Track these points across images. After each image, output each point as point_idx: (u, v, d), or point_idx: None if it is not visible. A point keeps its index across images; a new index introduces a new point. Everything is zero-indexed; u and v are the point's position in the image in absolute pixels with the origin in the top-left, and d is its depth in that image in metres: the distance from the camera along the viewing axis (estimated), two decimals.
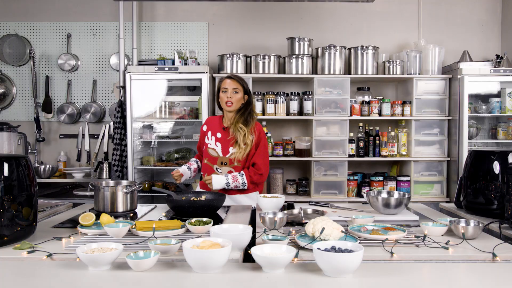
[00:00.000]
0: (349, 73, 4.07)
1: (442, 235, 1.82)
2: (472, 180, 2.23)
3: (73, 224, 2.03)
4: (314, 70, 4.10)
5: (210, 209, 2.22)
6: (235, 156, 2.65)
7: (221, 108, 2.79)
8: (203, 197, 2.41)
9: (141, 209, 2.43)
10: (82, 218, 1.91)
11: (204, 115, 3.87)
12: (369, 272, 1.41)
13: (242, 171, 2.65)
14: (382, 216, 2.13)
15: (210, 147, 2.74)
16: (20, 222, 1.69)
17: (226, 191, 2.64)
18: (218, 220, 2.13)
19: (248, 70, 4.11)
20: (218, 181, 2.60)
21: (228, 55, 4.03)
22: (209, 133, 2.77)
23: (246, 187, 2.65)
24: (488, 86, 4.08)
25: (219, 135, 2.73)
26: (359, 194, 4.08)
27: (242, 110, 2.72)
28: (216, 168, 2.70)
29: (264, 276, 1.38)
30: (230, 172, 2.67)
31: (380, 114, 4.05)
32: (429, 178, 4.07)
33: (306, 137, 4.06)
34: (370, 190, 3.93)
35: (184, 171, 2.76)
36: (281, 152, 4.02)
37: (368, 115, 4.04)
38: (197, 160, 2.92)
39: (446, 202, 3.89)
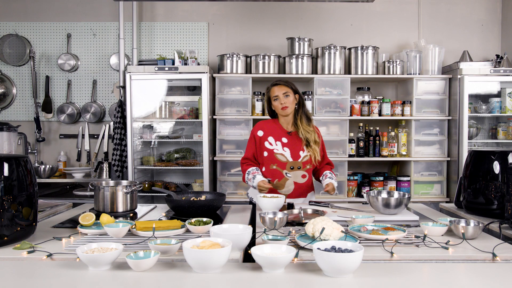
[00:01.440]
0: (349, 73, 4.07)
1: (442, 235, 1.82)
2: (472, 180, 2.24)
3: (73, 224, 2.03)
4: (314, 70, 4.10)
5: (210, 209, 2.22)
6: (312, 158, 2.69)
7: (272, 116, 2.82)
8: (203, 197, 2.41)
9: (141, 209, 2.44)
10: (82, 218, 1.91)
11: (204, 115, 3.87)
12: (369, 272, 1.41)
13: (327, 171, 2.74)
14: (382, 216, 2.13)
15: (277, 153, 2.70)
16: (20, 222, 1.69)
17: (301, 194, 2.72)
18: (218, 220, 2.13)
19: (248, 70, 4.11)
20: (335, 185, 2.68)
21: (228, 55, 4.03)
22: (270, 139, 2.72)
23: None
24: (488, 86, 4.08)
25: (285, 140, 2.72)
26: (359, 194, 4.08)
27: (300, 111, 2.76)
28: (286, 173, 2.69)
29: (264, 276, 1.38)
30: (303, 176, 2.70)
31: (380, 114, 4.05)
32: (429, 178, 4.07)
33: None
34: (370, 190, 3.93)
35: (265, 179, 2.66)
36: None
37: (368, 115, 4.04)
38: (256, 167, 2.74)
39: (446, 202, 3.89)
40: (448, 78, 4.01)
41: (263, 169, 2.74)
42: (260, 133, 2.76)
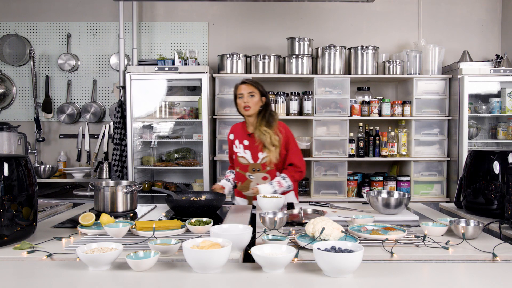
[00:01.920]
0: (349, 73, 4.07)
1: (442, 235, 1.82)
2: (472, 180, 2.23)
3: (73, 224, 2.03)
4: (314, 70, 4.10)
5: (210, 209, 2.22)
6: (268, 160, 2.65)
7: (242, 115, 2.79)
8: (203, 197, 2.41)
9: (141, 209, 2.44)
10: (82, 218, 1.91)
11: (204, 115, 3.87)
12: (369, 272, 1.41)
13: (283, 174, 2.66)
14: (382, 216, 2.13)
15: (239, 156, 2.74)
16: (20, 222, 1.69)
17: None
18: (218, 220, 2.13)
19: (248, 70, 4.11)
20: (265, 190, 2.57)
21: (228, 55, 4.03)
22: (237, 142, 2.77)
23: (292, 188, 2.68)
24: (488, 86, 4.08)
25: (246, 142, 2.73)
26: (359, 194, 4.08)
27: (262, 113, 2.71)
28: (249, 175, 2.70)
29: (264, 276, 1.38)
30: (265, 178, 2.68)
31: (380, 114, 4.05)
32: (429, 178, 4.07)
33: (306, 137, 4.06)
34: (370, 190, 3.93)
35: (225, 184, 2.76)
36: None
37: (368, 115, 4.04)
38: (232, 170, 2.89)
39: (446, 202, 3.89)
40: (448, 78, 4.01)
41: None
42: (231, 136, 2.83)
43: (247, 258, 1.58)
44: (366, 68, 4.02)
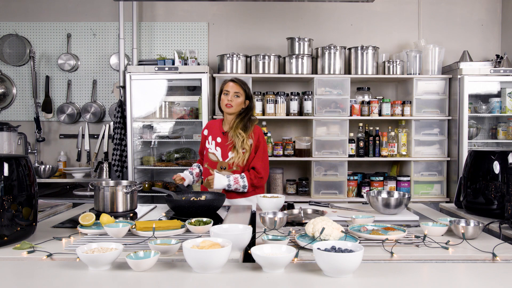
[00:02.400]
0: (349, 73, 4.07)
1: (442, 235, 1.82)
2: (472, 180, 2.23)
3: (73, 224, 2.03)
4: (314, 70, 4.10)
5: (210, 209, 2.22)
6: (234, 161, 2.66)
7: (222, 111, 2.78)
8: (203, 197, 2.41)
9: (141, 209, 2.43)
10: (82, 218, 1.91)
11: (204, 115, 3.87)
12: (369, 272, 1.41)
13: (243, 174, 2.65)
14: (382, 216, 2.13)
15: (210, 152, 2.76)
16: (20, 222, 1.69)
17: (226, 192, 2.65)
18: (218, 220, 2.13)
19: (248, 70, 4.11)
20: (220, 181, 2.59)
21: (228, 55, 4.03)
22: (210, 138, 2.79)
23: (246, 190, 2.66)
24: (488, 86, 4.08)
25: (219, 139, 2.74)
26: (359, 194, 4.08)
27: (242, 115, 2.72)
28: (215, 172, 2.69)
29: (264, 276, 1.38)
30: None
31: (380, 114, 4.05)
32: (429, 178, 4.07)
33: (306, 137, 4.06)
34: (370, 190, 3.93)
35: (186, 176, 2.77)
36: (281, 152, 4.02)
37: (368, 115, 4.04)
38: (199, 165, 2.93)
39: (446, 202, 3.89)
40: (448, 78, 4.01)
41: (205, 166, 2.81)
42: (205, 131, 2.85)
43: (247, 258, 1.58)
44: (366, 68, 4.02)
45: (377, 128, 4.11)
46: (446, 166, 4.05)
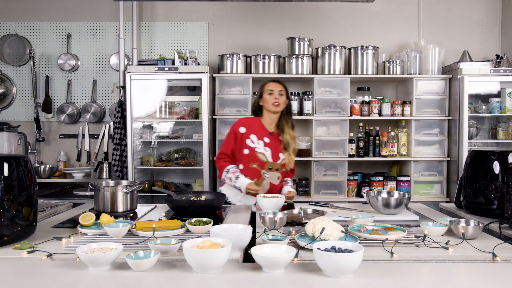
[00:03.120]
0: (349, 73, 4.07)
1: (442, 235, 1.82)
2: (472, 180, 2.23)
3: (73, 224, 2.03)
4: (314, 70, 4.10)
5: (210, 209, 2.22)
6: (286, 163, 2.73)
7: (255, 113, 2.80)
8: (203, 197, 2.41)
9: (141, 209, 2.43)
10: (82, 218, 1.91)
11: (204, 115, 3.87)
12: (369, 272, 1.41)
13: (289, 179, 2.82)
14: (382, 216, 2.13)
15: (258, 151, 2.69)
16: (20, 222, 1.69)
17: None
18: (218, 220, 2.13)
19: (248, 70, 4.11)
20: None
21: (228, 55, 4.03)
22: (253, 137, 2.70)
23: None
24: (488, 86, 4.07)
25: (267, 140, 2.72)
26: (359, 194, 4.08)
27: (288, 116, 2.77)
28: (264, 173, 2.70)
29: (264, 276, 1.38)
30: (279, 177, 2.73)
31: (380, 114, 4.05)
32: (429, 178, 4.07)
33: (306, 137, 4.06)
34: (370, 190, 3.93)
35: (250, 181, 2.63)
36: None
37: (368, 115, 4.04)
38: (234, 165, 2.71)
39: (446, 202, 3.89)
40: (448, 78, 4.01)
41: (240, 166, 2.71)
42: (242, 129, 2.71)
43: (247, 258, 1.58)
44: (366, 68, 4.02)
45: (377, 128, 4.11)
46: (446, 166, 4.05)
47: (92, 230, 1.85)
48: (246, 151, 2.69)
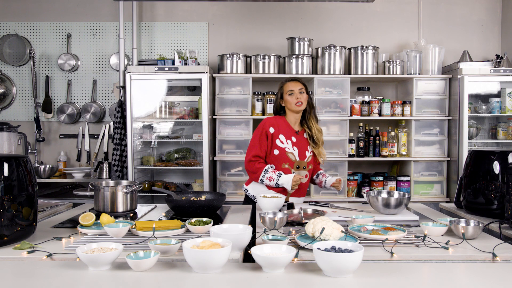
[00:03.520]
0: (349, 73, 4.07)
1: (442, 235, 1.82)
2: (472, 180, 2.23)
3: (73, 224, 2.03)
4: (314, 70, 4.10)
5: (210, 209, 2.22)
6: (319, 157, 2.79)
7: (278, 113, 2.80)
8: (203, 197, 2.41)
9: (141, 209, 2.44)
10: (82, 218, 1.91)
11: (204, 115, 3.87)
12: (369, 272, 1.41)
13: (322, 171, 2.88)
14: (382, 216, 2.13)
15: (288, 151, 2.67)
16: (20, 222, 1.69)
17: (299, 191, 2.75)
18: (218, 220, 2.13)
19: (248, 70, 4.11)
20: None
21: (228, 55, 4.03)
22: (282, 137, 2.67)
23: None
24: (488, 86, 4.08)
25: (294, 139, 2.71)
26: (359, 194, 4.08)
27: (312, 111, 2.78)
28: (293, 172, 2.69)
29: (264, 276, 1.38)
30: (306, 176, 2.73)
31: (380, 114, 4.05)
32: (429, 178, 4.07)
33: None
34: (370, 190, 3.93)
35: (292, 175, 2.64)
36: None
37: (368, 115, 4.04)
38: (271, 165, 2.67)
39: (446, 202, 3.89)
40: (448, 78, 4.01)
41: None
42: (271, 129, 2.67)
43: (247, 258, 1.58)
44: (366, 68, 4.02)
45: (377, 128, 4.11)
46: (446, 166, 4.05)
47: (92, 230, 1.85)
48: (276, 152, 2.66)
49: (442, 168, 4.05)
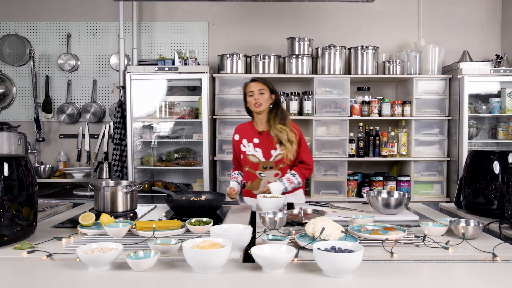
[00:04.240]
0: (349, 73, 4.07)
1: (442, 235, 1.82)
2: (472, 180, 2.23)
3: (73, 224, 2.03)
4: (314, 70, 4.09)
5: (210, 209, 2.22)
6: (284, 156, 2.66)
7: (250, 114, 2.81)
8: (203, 197, 2.41)
9: (141, 209, 2.44)
10: (82, 218, 1.91)
11: (204, 115, 3.87)
12: (369, 272, 1.41)
13: (292, 171, 2.71)
14: (382, 216, 2.13)
15: (249, 154, 2.73)
16: (20, 222, 1.69)
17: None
18: (218, 220, 2.13)
19: (248, 70, 4.11)
20: (276, 188, 2.63)
21: (228, 55, 4.03)
22: (244, 141, 2.77)
23: (301, 185, 2.75)
24: (488, 86, 4.08)
25: (256, 140, 2.73)
26: (359, 194, 4.08)
27: (275, 110, 2.74)
28: (259, 174, 2.71)
29: (264, 276, 1.38)
30: (276, 175, 2.70)
31: (380, 114, 4.05)
32: (429, 178, 4.07)
33: (306, 137, 4.05)
34: (370, 190, 3.93)
35: (236, 186, 2.77)
36: None
37: (368, 115, 4.04)
38: (239, 172, 2.88)
39: (446, 202, 3.89)
40: (448, 78, 4.01)
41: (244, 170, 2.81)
42: (236, 137, 2.83)
43: (247, 258, 1.58)
44: (366, 68, 4.02)
45: (377, 128, 4.11)
46: (446, 166, 4.05)
47: (92, 230, 1.85)
48: (241, 156, 2.79)
49: (442, 168, 4.05)
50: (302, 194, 2.86)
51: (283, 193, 2.65)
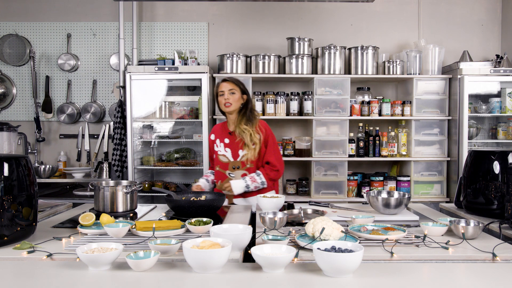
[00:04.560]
0: (349, 73, 4.07)
1: (442, 235, 1.82)
2: (472, 180, 2.23)
3: (73, 224, 2.03)
4: (314, 70, 4.09)
5: (210, 209, 2.22)
6: (247, 158, 2.67)
7: (223, 114, 2.81)
8: (203, 197, 2.41)
9: (141, 209, 2.43)
10: (82, 218, 1.91)
11: (204, 115, 3.87)
12: (369, 272, 1.41)
13: (258, 171, 2.69)
14: (382, 216, 2.12)
15: (220, 154, 2.77)
16: (20, 222, 1.69)
17: (246, 193, 2.67)
18: (218, 220, 2.13)
19: (248, 70, 4.11)
20: (237, 185, 2.62)
21: (228, 55, 4.03)
22: (218, 141, 2.80)
23: (266, 185, 2.69)
24: (488, 86, 4.08)
25: (226, 140, 2.75)
26: (359, 194, 4.08)
27: (243, 110, 2.74)
28: (229, 173, 2.72)
29: (264, 276, 1.38)
30: (244, 175, 2.69)
31: (380, 114, 4.05)
32: (429, 178, 4.07)
33: (306, 137, 4.06)
34: (370, 190, 3.93)
35: (204, 184, 2.79)
36: (281, 152, 4.02)
37: (368, 115, 4.04)
38: (212, 171, 2.91)
39: (446, 202, 3.89)
40: (448, 78, 4.01)
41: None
42: (212, 136, 2.86)
43: (247, 258, 1.58)
44: (366, 68, 4.02)
45: (377, 128, 4.11)
46: (446, 166, 4.05)
47: (92, 230, 1.85)
48: (214, 156, 2.83)
49: (442, 168, 4.05)
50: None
51: (247, 193, 2.66)
